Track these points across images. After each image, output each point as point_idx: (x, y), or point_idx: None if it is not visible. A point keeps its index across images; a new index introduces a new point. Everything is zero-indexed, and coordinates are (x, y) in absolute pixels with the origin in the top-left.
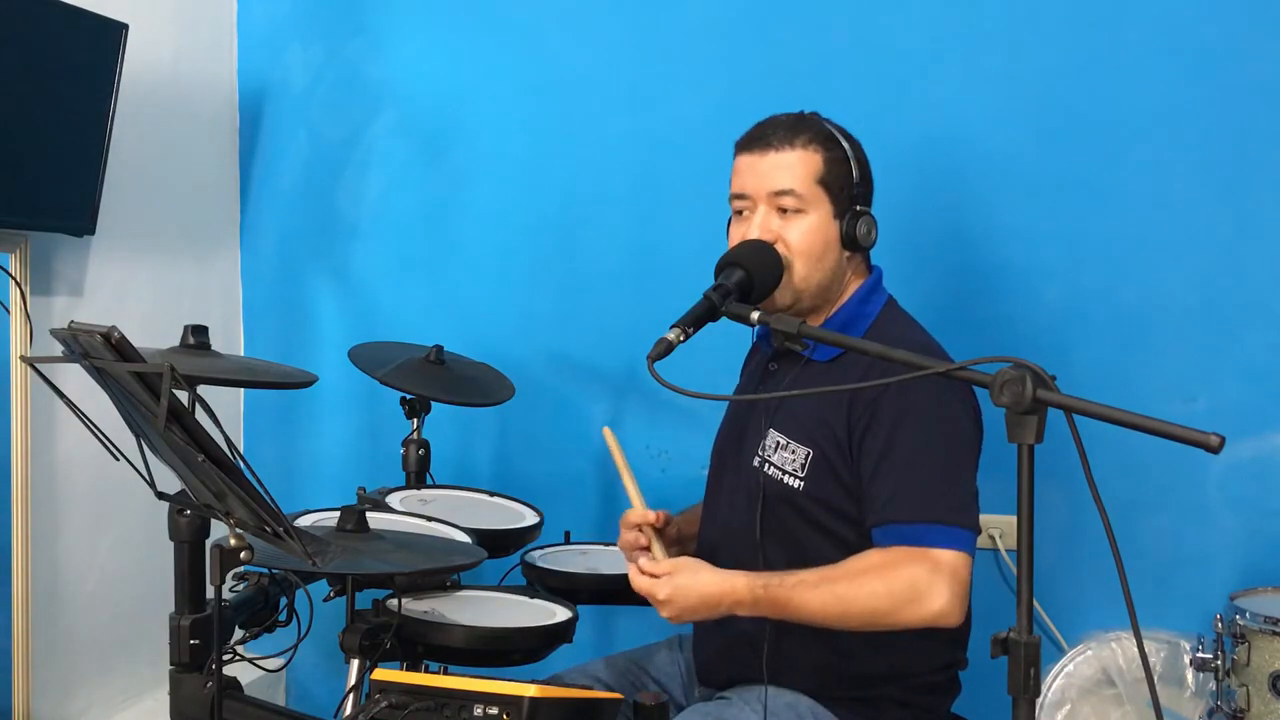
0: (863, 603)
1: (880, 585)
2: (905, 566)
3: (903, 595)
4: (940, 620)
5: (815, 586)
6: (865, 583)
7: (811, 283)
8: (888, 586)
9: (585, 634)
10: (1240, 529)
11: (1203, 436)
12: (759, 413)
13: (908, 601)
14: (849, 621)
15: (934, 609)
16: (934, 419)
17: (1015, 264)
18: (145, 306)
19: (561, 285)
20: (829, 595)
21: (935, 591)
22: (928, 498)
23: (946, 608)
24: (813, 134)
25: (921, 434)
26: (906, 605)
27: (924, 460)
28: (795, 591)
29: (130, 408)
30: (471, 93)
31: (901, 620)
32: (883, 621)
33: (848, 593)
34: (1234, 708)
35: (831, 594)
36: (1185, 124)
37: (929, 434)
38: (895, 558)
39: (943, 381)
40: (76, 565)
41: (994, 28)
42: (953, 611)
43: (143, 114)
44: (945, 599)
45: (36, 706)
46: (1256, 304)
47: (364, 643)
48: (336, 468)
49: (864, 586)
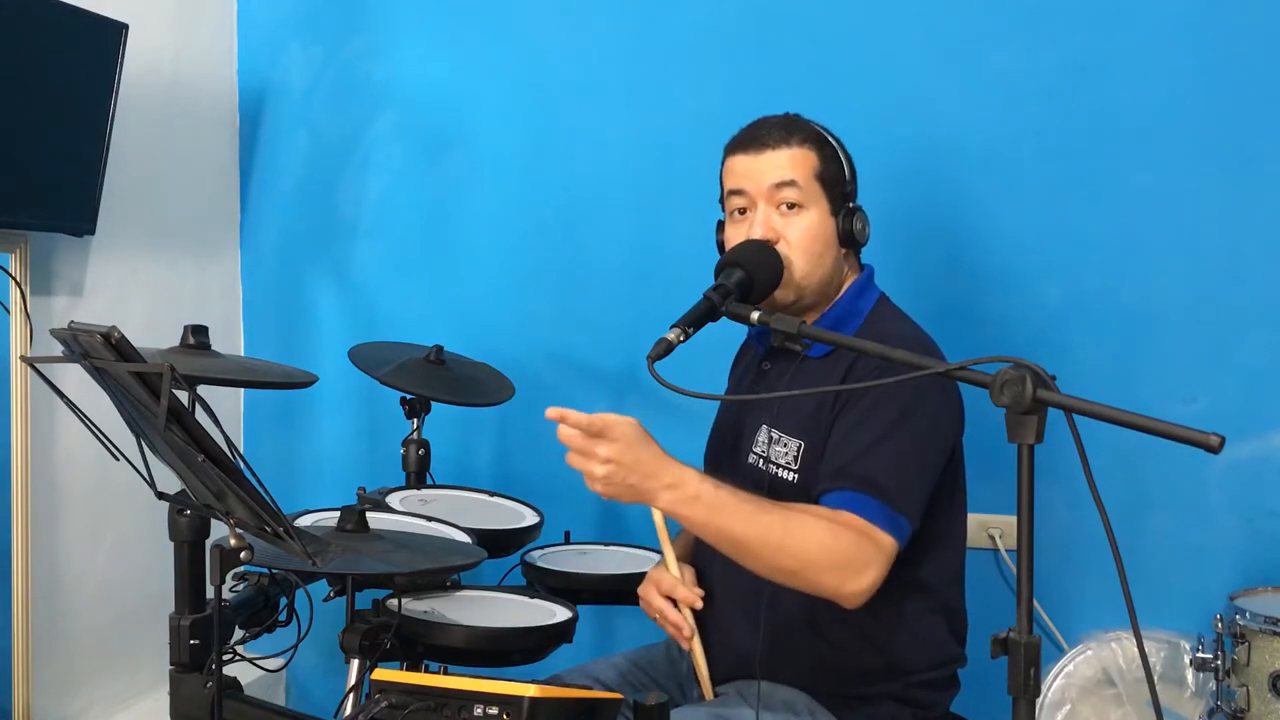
0: (800, 548)
1: (826, 539)
2: (853, 534)
3: (840, 559)
4: (850, 600)
5: (766, 510)
6: (812, 532)
7: (813, 279)
8: (832, 544)
9: (585, 634)
10: (1240, 529)
11: (1203, 436)
12: (754, 412)
13: (841, 567)
14: (775, 560)
15: (857, 587)
16: (910, 408)
17: (1015, 264)
18: (145, 306)
19: (561, 285)
20: (776, 524)
21: (868, 571)
22: (885, 478)
23: (866, 590)
24: (805, 133)
25: (895, 419)
26: (836, 570)
27: (890, 445)
28: (745, 504)
29: (130, 408)
30: (471, 93)
31: (821, 581)
32: (804, 573)
33: (791, 532)
34: (1234, 708)
35: (779, 525)
36: (1185, 124)
37: (902, 421)
38: (846, 522)
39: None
40: (76, 565)
41: (994, 28)
42: (865, 596)
43: (143, 114)
44: (869, 582)
45: (36, 706)
46: (1256, 304)
47: (364, 643)
48: (336, 468)
49: (810, 534)
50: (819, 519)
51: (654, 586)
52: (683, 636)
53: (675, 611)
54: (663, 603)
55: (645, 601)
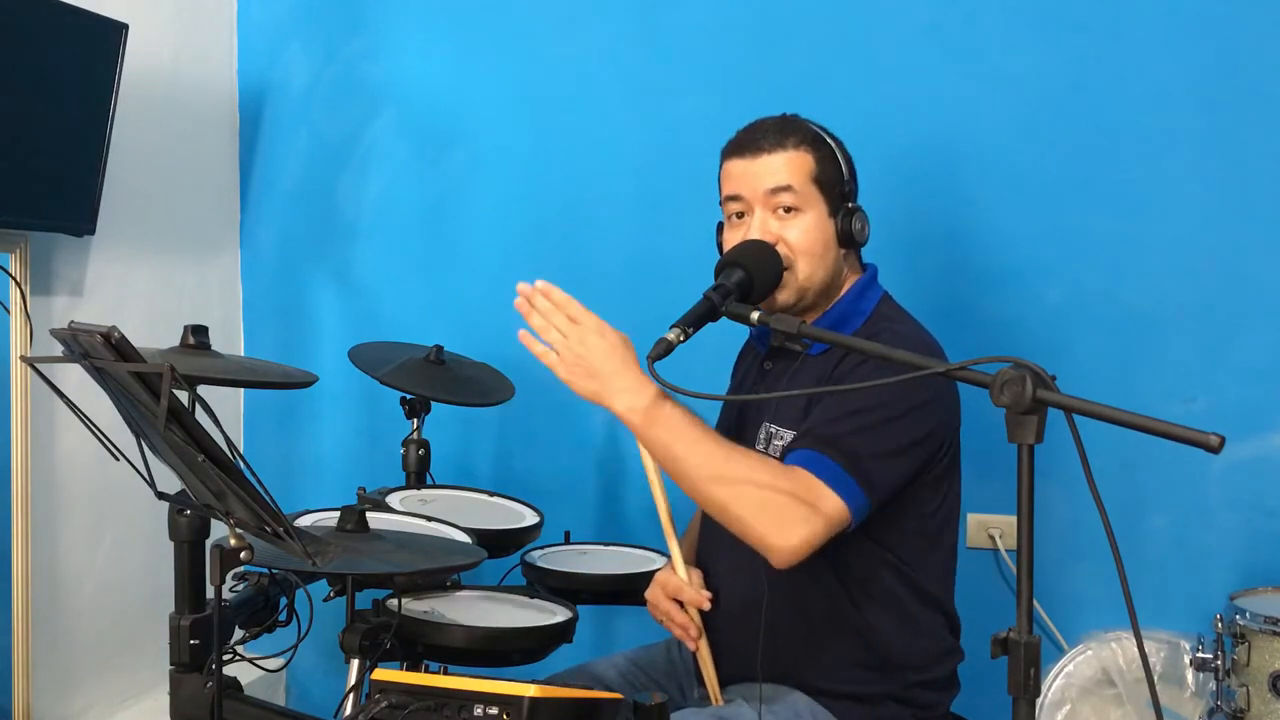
0: (735, 485)
1: (765, 482)
2: (794, 487)
3: (772, 507)
4: (777, 556)
5: (716, 442)
6: (752, 473)
7: (815, 281)
8: (768, 491)
9: (585, 634)
10: (1240, 529)
11: (1203, 436)
12: (755, 411)
13: (771, 515)
14: (709, 490)
15: (785, 542)
16: (894, 394)
17: (1015, 264)
18: (145, 306)
19: (561, 285)
20: (719, 455)
21: (799, 528)
22: (849, 443)
23: (794, 548)
24: (801, 135)
25: (876, 401)
26: (765, 517)
27: (865, 418)
28: (696, 429)
29: (130, 408)
30: (471, 92)
31: (751, 528)
32: (732, 509)
33: (733, 467)
34: (1234, 708)
35: (722, 457)
36: (1185, 124)
37: (882, 404)
38: (792, 477)
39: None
40: (76, 565)
41: (994, 27)
42: (793, 554)
43: (143, 114)
44: (798, 540)
45: (36, 706)
46: (1256, 304)
47: (364, 643)
48: (336, 468)
49: (750, 475)
50: (766, 465)
51: (661, 589)
52: (690, 638)
53: (682, 613)
54: (669, 604)
55: (652, 604)
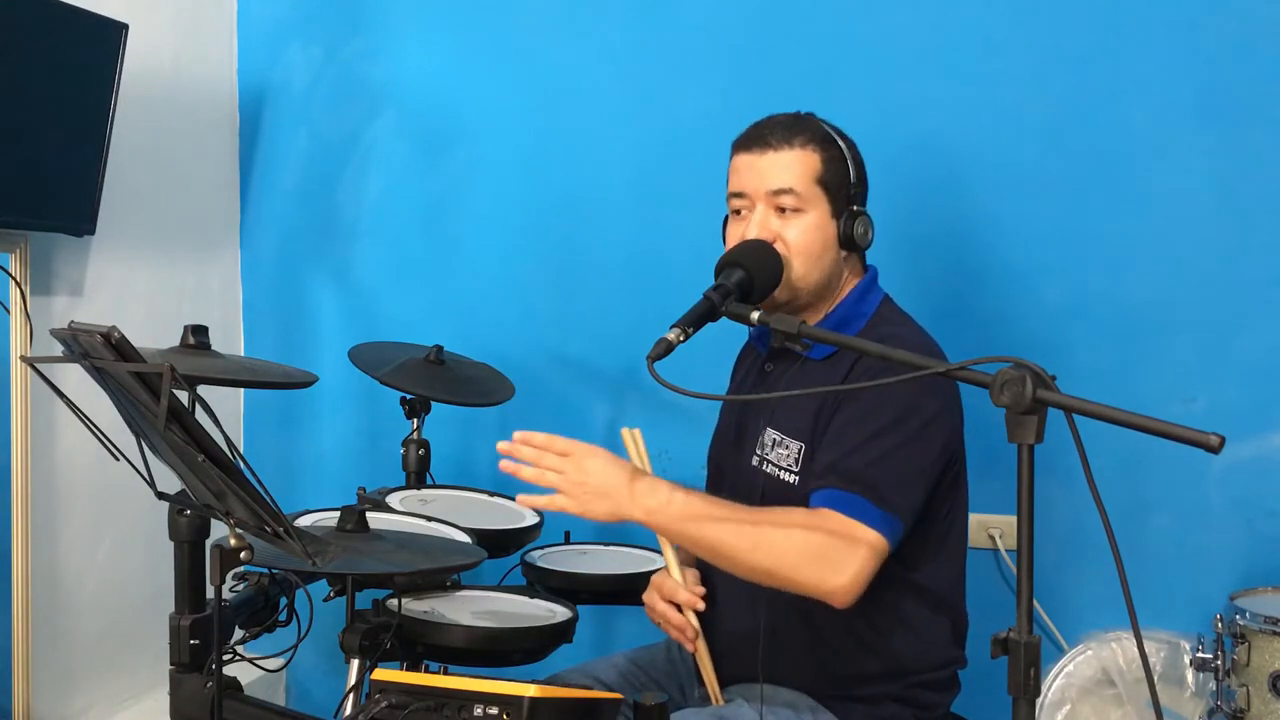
0: (773, 547)
1: (799, 537)
2: (827, 530)
3: (813, 555)
4: (832, 597)
5: (739, 513)
6: (785, 530)
7: (809, 281)
8: (805, 541)
9: (585, 634)
10: (1240, 529)
11: (1203, 436)
12: (756, 413)
13: (817, 564)
14: (751, 560)
15: (835, 583)
16: (906, 409)
17: (1015, 264)
18: (145, 306)
19: (561, 285)
20: (747, 525)
21: (844, 566)
22: (872, 475)
23: (847, 585)
24: (810, 134)
25: (889, 419)
26: (812, 566)
27: (883, 442)
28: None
29: (130, 408)
30: (471, 93)
31: (800, 580)
32: (781, 571)
33: (765, 533)
34: (1234, 708)
35: (751, 526)
36: (1185, 124)
37: (896, 421)
38: (822, 519)
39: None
40: (76, 565)
41: (994, 27)
42: (849, 592)
43: (143, 114)
44: (849, 577)
45: (36, 706)
46: (1256, 304)
47: (364, 643)
48: (336, 468)
49: (783, 532)
50: (794, 517)
51: (656, 591)
52: (687, 639)
53: (678, 615)
54: (665, 607)
55: (649, 607)
